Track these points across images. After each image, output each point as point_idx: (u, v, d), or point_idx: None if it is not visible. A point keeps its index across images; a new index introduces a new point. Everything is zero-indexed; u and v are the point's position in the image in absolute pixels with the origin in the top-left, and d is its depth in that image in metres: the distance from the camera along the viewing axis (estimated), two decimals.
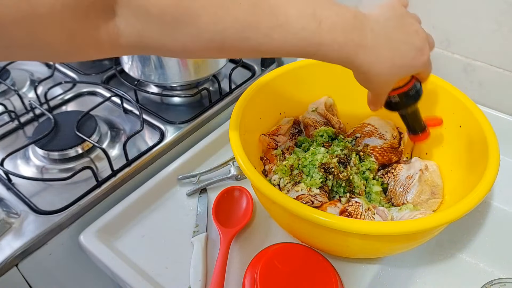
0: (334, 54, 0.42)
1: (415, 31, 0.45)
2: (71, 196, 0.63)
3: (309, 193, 0.57)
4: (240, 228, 0.61)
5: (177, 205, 0.68)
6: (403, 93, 0.50)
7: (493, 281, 0.50)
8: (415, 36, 0.45)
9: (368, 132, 0.68)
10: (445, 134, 0.63)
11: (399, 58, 0.44)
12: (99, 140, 0.74)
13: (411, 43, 0.45)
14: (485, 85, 0.75)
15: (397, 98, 0.51)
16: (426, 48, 0.46)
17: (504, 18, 0.67)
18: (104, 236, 0.61)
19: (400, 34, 0.44)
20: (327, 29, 0.40)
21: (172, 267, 0.58)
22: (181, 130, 0.76)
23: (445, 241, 0.60)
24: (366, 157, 0.65)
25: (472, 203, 0.46)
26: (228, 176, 0.70)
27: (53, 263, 0.63)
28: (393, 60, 0.44)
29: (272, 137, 0.68)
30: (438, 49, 0.76)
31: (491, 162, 0.50)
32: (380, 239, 0.48)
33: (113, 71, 0.89)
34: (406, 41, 0.44)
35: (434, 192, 0.60)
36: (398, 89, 0.50)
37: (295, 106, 0.72)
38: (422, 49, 0.46)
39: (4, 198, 0.64)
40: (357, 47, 0.42)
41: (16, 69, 0.92)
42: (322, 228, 0.47)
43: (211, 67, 0.80)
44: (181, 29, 0.37)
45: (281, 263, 0.54)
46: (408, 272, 0.57)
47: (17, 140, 0.76)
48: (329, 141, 0.67)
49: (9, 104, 0.83)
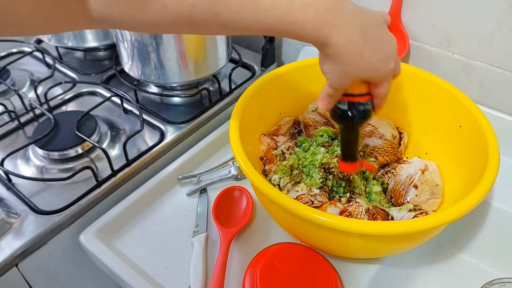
0: (306, 34, 0.41)
1: (388, 41, 0.45)
2: (71, 196, 0.63)
3: (309, 193, 0.57)
4: (240, 228, 0.61)
5: (177, 205, 0.68)
6: (353, 103, 0.48)
7: (493, 281, 0.50)
8: (387, 42, 0.44)
9: (368, 132, 0.68)
10: (445, 134, 0.63)
11: (368, 51, 0.43)
12: (99, 140, 0.74)
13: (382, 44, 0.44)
14: (485, 85, 0.75)
15: (345, 105, 0.49)
16: (393, 63, 0.45)
17: (504, 18, 0.67)
18: (104, 236, 0.61)
19: (375, 32, 0.43)
20: (300, 7, 0.39)
21: (172, 267, 0.58)
22: (181, 130, 0.76)
23: (445, 241, 0.60)
24: (366, 157, 0.65)
25: (472, 203, 0.46)
26: (228, 176, 0.70)
27: (53, 263, 0.63)
28: (363, 49, 0.42)
29: (272, 137, 0.68)
30: (438, 49, 0.76)
31: (491, 162, 0.50)
32: (380, 239, 0.48)
33: (113, 71, 0.88)
34: (378, 39, 0.43)
35: (434, 192, 0.60)
36: (351, 96, 0.48)
37: (295, 106, 0.72)
38: (390, 57, 0.45)
39: (4, 198, 0.64)
40: (330, 28, 0.40)
41: (16, 69, 0.92)
42: (322, 228, 0.47)
43: (211, 67, 0.80)
44: (148, 3, 0.37)
45: (281, 263, 0.54)
46: (408, 272, 0.57)
47: (17, 140, 0.76)
48: (329, 141, 0.67)
49: (9, 104, 0.83)
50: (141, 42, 0.73)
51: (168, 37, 0.72)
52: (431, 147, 0.66)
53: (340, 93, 0.48)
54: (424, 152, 0.67)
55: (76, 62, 0.96)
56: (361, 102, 0.48)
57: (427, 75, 0.64)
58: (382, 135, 0.67)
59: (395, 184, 0.62)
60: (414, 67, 0.66)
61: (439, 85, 0.63)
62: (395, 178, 0.63)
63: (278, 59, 0.99)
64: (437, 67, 0.78)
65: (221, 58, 0.81)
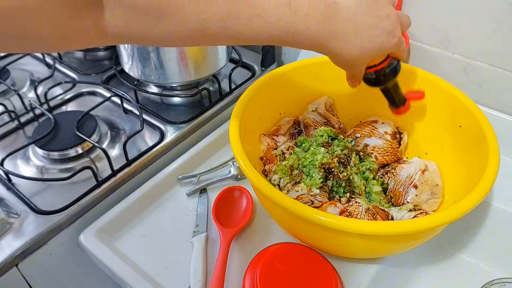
0: (307, 42, 0.45)
1: (386, 15, 0.47)
2: (71, 196, 0.63)
3: (309, 193, 0.57)
4: (240, 228, 0.61)
5: (177, 205, 0.68)
6: (379, 71, 0.53)
7: (493, 281, 0.50)
8: (385, 20, 0.47)
9: (368, 132, 0.68)
10: (445, 134, 0.63)
11: (368, 43, 0.47)
12: (99, 140, 0.74)
13: (381, 27, 0.47)
14: (485, 85, 0.75)
15: (373, 75, 0.54)
16: (397, 30, 0.49)
17: (504, 18, 0.67)
18: (104, 236, 0.61)
19: (370, 19, 0.46)
20: (302, 18, 0.43)
21: (172, 267, 0.58)
22: (181, 130, 0.76)
23: (445, 241, 0.60)
24: (366, 157, 0.65)
25: (472, 203, 0.46)
26: (228, 176, 0.70)
27: (53, 263, 0.63)
28: (362, 45, 0.46)
29: (272, 137, 0.68)
30: (438, 49, 0.76)
31: (491, 162, 0.50)
32: (380, 239, 0.48)
33: (113, 71, 0.88)
34: (376, 25, 0.46)
35: (434, 192, 0.60)
36: (374, 67, 0.53)
37: (295, 106, 0.72)
38: (392, 32, 0.48)
39: (4, 198, 0.64)
40: (328, 35, 0.44)
41: (16, 69, 0.92)
42: (322, 228, 0.47)
43: (211, 67, 0.80)
44: (166, 19, 0.39)
45: (281, 263, 0.54)
46: (408, 272, 0.57)
47: (17, 140, 0.76)
48: (329, 141, 0.67)
49: (9, 104, 0.83)
50: None
51: None
52: (431, 147, 0.66)
53: (361, 74, 0.53)
54: (424, 152, 0.67)
55: (76, 62, 0.96)
56: (385, 66, 0.53)
57: (427, 75, 0.64)
58: (382, 135, 0.67)
59: (395, 184, 0.62)
60: (414, 67, 0.66)
61: (439, 85, 0.63)
62: (395, 178, 0.63)
63: (278, 59, 0.99)
64: (437, 67, 0.78)
65: (221, 58, 0.81)
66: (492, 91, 0.74)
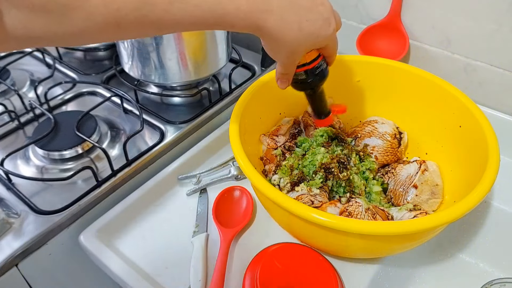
0: (240, 23, 0.42)
1: (321, 2, 0.46)
2: (71, 196, 0.63)
3: (309, 193, 0.57)
4: (240, 228, 0.61)
5: (177, 205, 0.68)
6: (309, 70, 0.51)
7: (493, 281, 0.50)
8: (321, 6, 0.45)
9: (368, 132, 0.68)
10: (445, 134, 0.63)
11: (306, 24, 0.44)
12: (99, 140, 0.74)
13: (318, 11, 0.45)
14: (485, 85, 0.75)
15: (303, 75, 0.52)
16: (333, 20, 0.47)
17: (504, 18, 0.67)
18: (104, 236, 0.61)
19: (306, 1, 0.44)
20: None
21: (172, 267, 0.58)
22: (181, 130, 0.76)
23: (445, 241, 0.60)
24: (366, 157, 0.65)
25: (472, 203, 0.46)
26: (228, 176, 0.70)
27: (53, 263, 0.63)
28: (300, 24, 0.44)
29: (272, 137, 0.68)
30: (438, 49, 0.76)
31: (491, 162, 0.50)
32: (380, 239, 0.48)
33: (113, 71, 0.88)
34: (312, 9, 0.44)
35: (434, 192, 0.60)
36: (304, 66, 0.51)
37: (295, 106, 0.72)
38: (328, 19, 0.46)
39: (4, 198, 0.64)
40: (263, 13, 0.42)
41: (16, 69, 0.92)
42: (322, 228, 0.47)
43: (211, 67, 0.80)
44: (71, 15, 0.36)
45: (281, 263, 0.54)
46: (408, 272, 0.57)
47: (17, 140, 0.76)
48: (329, 141, 0.67)
49: (9, 104, 0.83)
50: (141, 42, 0.73)
51: (168, 37, 0.72)
52: (431, 147, 0.66)
53: (293, 69, 0.51)
54: (424, 152, 0.67)
55: (76, 62, 0.96)
56: (315, 66, 0.51)
57: (427, 75, 0.64)
58: (382, 135, 0.67)
59: (395, 184, 0.62)
60: (414, 67, 0.66)
61: (439, 85, 0.63)
62: (395, 178, 0.63)
63: None
64: (437, 67, 0.78)
65: (221, 58, 0.81)
66: (492, 91, 0.74)
